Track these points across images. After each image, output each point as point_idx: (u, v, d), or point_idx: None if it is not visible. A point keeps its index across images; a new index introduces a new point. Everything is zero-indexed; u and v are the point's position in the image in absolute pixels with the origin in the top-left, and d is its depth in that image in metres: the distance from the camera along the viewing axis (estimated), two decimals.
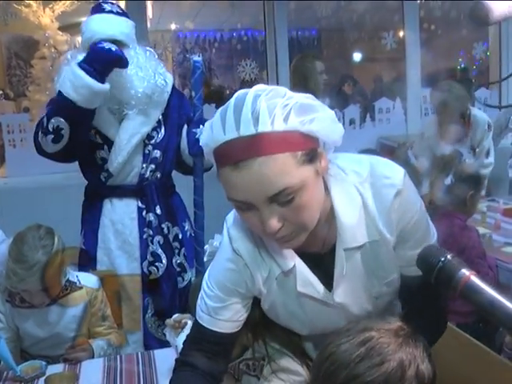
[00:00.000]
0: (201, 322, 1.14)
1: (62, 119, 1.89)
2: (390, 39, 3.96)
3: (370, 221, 1.05)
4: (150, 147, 2.05)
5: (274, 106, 0.90)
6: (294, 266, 1.08)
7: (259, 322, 1.23)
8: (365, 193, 1.04)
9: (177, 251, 2.16)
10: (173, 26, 4.78)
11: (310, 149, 0.93)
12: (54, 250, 1.64)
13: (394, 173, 1.05)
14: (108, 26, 1.96)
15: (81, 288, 1.79)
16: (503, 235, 2.55)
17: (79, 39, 4.61)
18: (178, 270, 2.16)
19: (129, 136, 2.00)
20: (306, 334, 1.23)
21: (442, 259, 0.87)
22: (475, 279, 0.85)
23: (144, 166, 2.05)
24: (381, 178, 1.04)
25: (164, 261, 2.10)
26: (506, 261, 2.27)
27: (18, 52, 5.30)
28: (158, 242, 2.10)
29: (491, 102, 4.00)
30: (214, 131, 0.93)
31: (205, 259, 1.44)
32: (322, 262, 1.09)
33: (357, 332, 0.87)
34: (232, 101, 0.94)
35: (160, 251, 2.10)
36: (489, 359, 1.33)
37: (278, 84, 3.77)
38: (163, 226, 2.12)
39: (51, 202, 3.09)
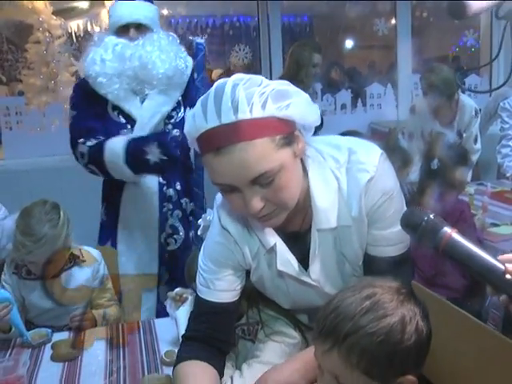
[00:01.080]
0: (200, 294, 1.20)
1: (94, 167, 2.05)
2: (382, 25, 4.03)
3: (344, 205, 1.10)
4: (169, 126, 2.13)
5: (251, 95, 0.95)
6: (275, 245, 1.14)
7: (253, 291, 1.30)
8: (340, 177, 1.09)
9: (193, 225, 2.23)
10: (165, 12, 4.79)
11: (287, 133, 0.99)
12: (59, 224, 1.71)
13: (369, 158, 1.09)
14: (133, 11, 2.07)
15: (84, 261, 1.86)
16: (490, 217, 2.63)
17: (73, 24, 4.62)
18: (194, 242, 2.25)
19: (150, 115, 2.08)
20: (288, 308, 1.30)
21: (426, 218, 0.91)
22: (457, 236, 0.89)
23: None
24: (356, 163, 1.09)
25: (181, 233, 2.19)
26: (492, 240, 2.37)
27: (9, 37, 5.28)
28: (177, 215, 2.18)
29: (481, 88, 4.08)
30: (196, 120, 0.99)
31: (199, 233, 1.50)
32: (300, 241, 1.15)
33: (361, 288, 0.91)
34: (212, 90, 0.99)
35: (178, 224, 2.19)
36: (474, 327, 1.41)
37: (271, 69, 3.83)
38: (182, 201, 2.20)
39: (48, 184, 3.13)
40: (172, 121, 2.14)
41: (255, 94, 0.96)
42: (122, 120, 2.11)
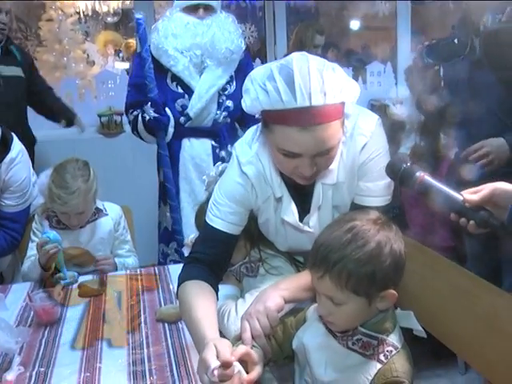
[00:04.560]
0: (212, 224, 1.36)
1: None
2: (382, 6, 4.19)
3: (342, 164, 1.31)
4: (223, 97, 2.41)
5: (333, 81, 1.14)
6: (282, 196, 1.35)
7: (254, 233, 1.50)
8: (344, 142, 1.29)
9: None
10: None
11: (344, 113, 1.21)
12: (90, 179, 1.93)
13: (367, 124, 1.30)
14: None
15: (106, 215, 2.07)
16: None
17: (81, 3, 4.71)
18: None
19: (208, 87, 2.36)
20: (284, 251, 1.51)
21: (404, 165, 1.17)
22: (428, 177, 1.14)
23: (218, 112, 2.41)
24: (357, 128, 1.29)
25: None
26: None
27: (18, 15, 5.43)
28: None
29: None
30: (283, 97, 1.11)
31: (204, 188, 1.68)
32: (305, 193, 1.34)
33: (344, 222, 1.07)
34: (296, 71, 1.12)
35: None
36: (446, 265, 1.61)
37: (275, 49, 4.00)
38: None
39: (63, 155, 3.32)
40: (226, 93, 2.41)
41: (336, 82, 1.15)
42: (180, 90, 2.38)
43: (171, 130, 2.40)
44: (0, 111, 2.63)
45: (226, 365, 0.98)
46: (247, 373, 1.04)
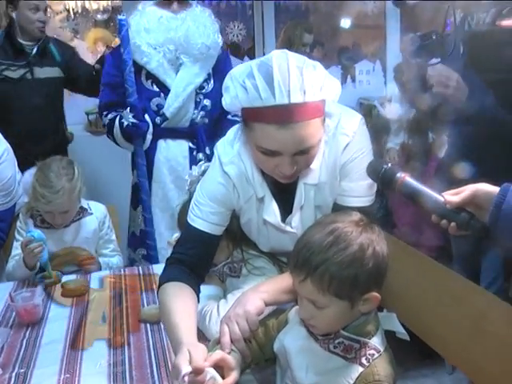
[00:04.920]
0: (193, 224, 1.35)
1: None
2: (372, 5, 4.19)
3: (324, 164, 1.29)
4: (201, 96, 2.31)
5: (314, 79, 1.13)
6: (264, 196, 1.33)
7: (237, 233, 1.48)
8: (327, 141, 1.28)
9: None
10: None
11: (324, 112, 1.19)
12: (75, 178, 1.91)
13: (350, 123, 1.28)
14: None
15: (91, 214, 2.05)
16: None
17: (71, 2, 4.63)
18: None
19: (184, 85, 2.26)
20: (267, 251, 1.49)
21: (385, 166, 1.16)
22: (409, 179, 1.13)
23: (195, 112, 2.31)
24: (340, 128, 1.28)
25: None
26: None
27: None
28: None
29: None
30: (261, 94, 1.10)
31: (187, 188, 1.66)
32: (287, 193, 1.33)
33: (326, 224, 1.05)
34: (275, 68, 1.11)
35: None
36: (435, 269, 1.61)
37: (263, 47, 3.99)
38: None
39: None
40: (203, 91, 2.32)
41: (316, 79, 1.13)
42: (156, 89, 2.27)
43: (149, 136, 2.30)
44: (33, 114, 2.59)
45: (197, 371, 0.97)
46: (223, 378, 1.02)
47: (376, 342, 1.07)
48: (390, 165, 1.16)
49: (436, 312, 1.49)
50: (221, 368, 1.04)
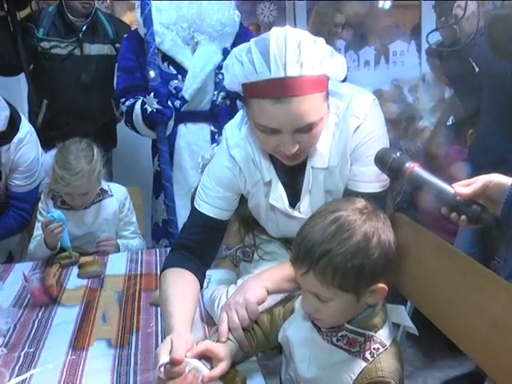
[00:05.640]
0: (199, 208, 1.33)
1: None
2: None
3: (334, 147, 1.24)
4: (220, 76, 2.18)
5: (312, 53, 1.08)
6: (271, 180, 1.29)
7: (249, 218, 1.46)
8: (338, 123, 1.23)
9: None
10: None
11: (327, 88, 1.14)
12: (94, 160, 1.91)
13: (361, 105, 1.23)
14: None
15: (111, 196, 2.06)
16: None
17: None
18: None
19: (202, 65, 2.15)
20: (276, 237, 1.46)
21: (394, 155, 1.10)
22: (418, 169, 1.07)
23: (215, 93, 2.22)
24: (350, 110, 1.22)
25: None
26: None
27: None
28: None
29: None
30: (257, 68, 1.07)
31: (199, 171, 1.61)
32: (295, 177, 1.29)
33: (328, 213, 0.99)
34: (272, 41, 1.07)
35: None
36: (457, 257, 1.56)
37: (295, 26, 3.89)
38: None
39: None
40: (223, 70, 2.24)
41: (315, 53, 1.09)
42: (173, 71, 2.19)
43: (171, 123, 2.21)
44: (81, 91, 2.58)
45: (174, 362, 0.95)
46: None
47: (382, 335, 1.02)
48: (398, 154, 1.10)
49: (458, 304, 1.44)
50: (210, 358, 1.02)
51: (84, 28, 2.56)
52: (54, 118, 2.56)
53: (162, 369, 0.95)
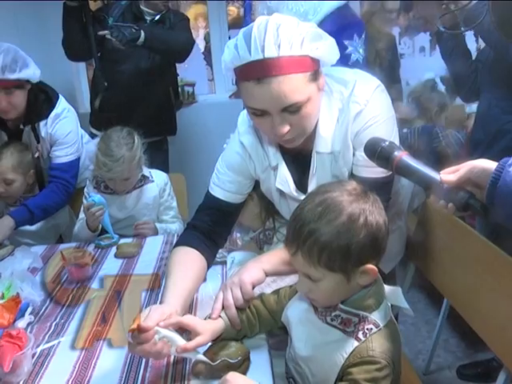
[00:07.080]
0: (211, 191, 1.40)
1: None
2: None
3: (338, 133, 1.26)
4: None
5: (292, 35, 1.12)
6: (278, 165, 1.32)
7: (269, 201, 1.50)
8: (342, 109, 1.25)
9: None
10: None
11: (314, 70, 1.17)
12: (134, 147, 2.01)
13: (363, 91, 1.24)
14: None
15: (152, 181, 2.16)
16: None
17: None
18: None
19: None
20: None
21: (382, 144, 1.11)
22: (406, 158, 1.07)
23: None
24: (352, 96, 1.24)
25: None
26: None
27: None
28: None
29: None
30: (239, 52, 1.13)
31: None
32: (302, 163, 1.32)
33: (318, 194, 1.01)
34: (254, 27, 1.13)
35: None
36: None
37: None
38: None
39: None
40: None
41: (295, 35, 1.12)
42: None
43: None
44: (139, 77, 2.71)
45: (141, 329, 1.01)
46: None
47: (377, 316, 1.03)
48: (387, 143, 1.11)
49: (481, 294, 1.42)
50: (189, 332, 1.07)
51: (155, 18, 2.68)
52: (111, 100, 2.69)
53: (131, 334, 1.02)
